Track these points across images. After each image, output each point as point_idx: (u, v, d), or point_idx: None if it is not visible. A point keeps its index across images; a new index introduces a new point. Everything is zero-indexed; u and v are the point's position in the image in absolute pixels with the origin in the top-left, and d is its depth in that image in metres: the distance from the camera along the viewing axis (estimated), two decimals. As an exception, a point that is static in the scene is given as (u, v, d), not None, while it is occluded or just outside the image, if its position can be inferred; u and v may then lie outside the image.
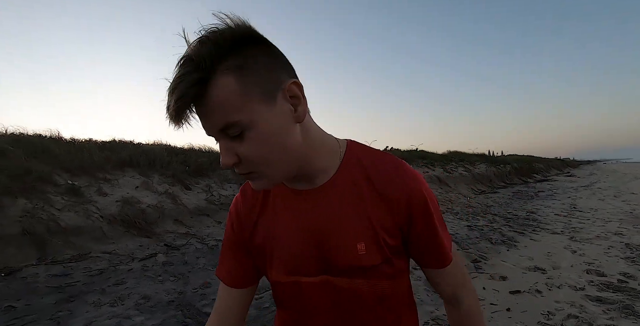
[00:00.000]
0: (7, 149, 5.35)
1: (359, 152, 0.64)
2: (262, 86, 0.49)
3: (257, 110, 0.49)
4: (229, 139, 0.51)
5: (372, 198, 0.60)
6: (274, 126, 0.51)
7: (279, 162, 0.54)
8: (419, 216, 0.62)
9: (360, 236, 0.59)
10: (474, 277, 3.66)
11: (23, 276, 3.42)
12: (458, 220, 6.77)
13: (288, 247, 0.63)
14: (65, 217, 4.47)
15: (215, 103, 0.47)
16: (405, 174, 0.62)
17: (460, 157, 16.60)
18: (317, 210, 0.61)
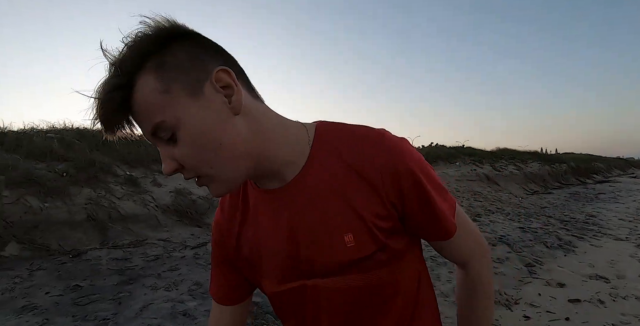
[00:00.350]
0: (74, 143, 5.82)
1: (329, 134, 0.56)
2: (184, 79, 0.45)
3: (182, 107, 0.45)
4: (164, 144, 0.48)
5: (351, 183, 0.53)
6: (205, 122, 0.46)
7: (221, 161, 0.48)
8: (410, 190, 0.53)
9: (346, 227, 0.53)
10: (528, 282, 3.47)
11: (88, 258, 3.72)
12: (509, 221, 6.45)
13: (274, 254, 0.58)
14: (125, 205, 4.79)
15: (139, 106, 0.45)
16: (381, 146, 0.53)
17: (511, 155, 15.75)
18: (293, 209, 0.55)
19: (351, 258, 0.54)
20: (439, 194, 0.58)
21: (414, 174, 0.53)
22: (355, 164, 0.53)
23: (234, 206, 0.64)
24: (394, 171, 0.52)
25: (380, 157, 0.53)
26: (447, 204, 0.59)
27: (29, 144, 5.28)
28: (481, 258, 0.66)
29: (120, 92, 0.45)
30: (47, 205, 4.21)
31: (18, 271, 3.33)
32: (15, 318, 2.52)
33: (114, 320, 2.49)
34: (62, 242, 3.98)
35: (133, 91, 0.45)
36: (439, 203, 0.57)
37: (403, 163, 0.53)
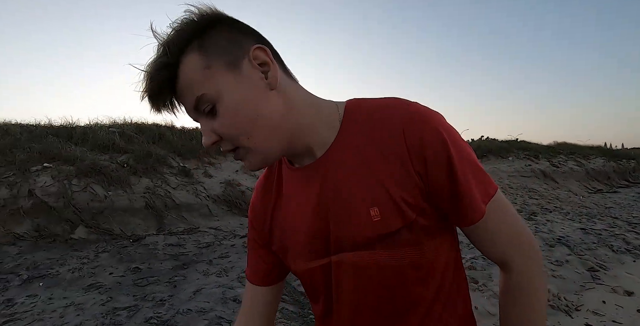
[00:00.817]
0: (133, 137, 6.22)
1: (358, 110, 0.56)
2: (224, 56, 0.49)
3: (222, 81, 0.49)
4: (205, 118, 0.51)
5: (378, 156, 0.52)
6: (243, 95, 0.50)
7: (258, 132, 0.51)
8: (435, 159, 0.51)
9: (371, 200, 0.52)
10: (590, 288, 3.22)
11: (146, 243, 3.98)
12: (569, 221, 6.01)
13: (303, 231, 0.58)
14: (179, 195, 5.06)
15: (184, 83, 0.49)
16: (407, 114, 0.52)
17: (570, 150, 14.61)
18: (322, 185, 0.55)
19: (377, 233, 0.52)
20: (471, 171, 0.53)
21: (441, 143, 0.51)
22: (382, 137, 0.52)
23: (268, 188, 0.66)
24: (419, 138, 0.51)
25: (406, 125, 0.51)
26: (478, 184, 0.54)
27: (94, 138, 5.72)
28: (527, 259, 0.58)
29: (167, 70, 0.49)
30: (110, 193, 4.55)
31: (86, 252, 3.64)
32: (84, 294, 2.76)
33: (170, 302, 2.64)
34: (123, 227, 4.29)
35: (178, 70, 0.49)
36: (467, 179, 0.53)
37: (429, 130, 0.51)
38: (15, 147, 4.88)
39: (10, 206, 3.94)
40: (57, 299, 2.68)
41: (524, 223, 0.60)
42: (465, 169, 0.53)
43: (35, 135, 5.54)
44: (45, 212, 4.07)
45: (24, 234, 3.78)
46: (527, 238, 0.58)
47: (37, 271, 3.15)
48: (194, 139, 6.87)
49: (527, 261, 0.58)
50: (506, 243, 0.57)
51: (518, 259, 0.58)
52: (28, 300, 2.66)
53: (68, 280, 3.01)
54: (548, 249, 4.28)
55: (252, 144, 0.52)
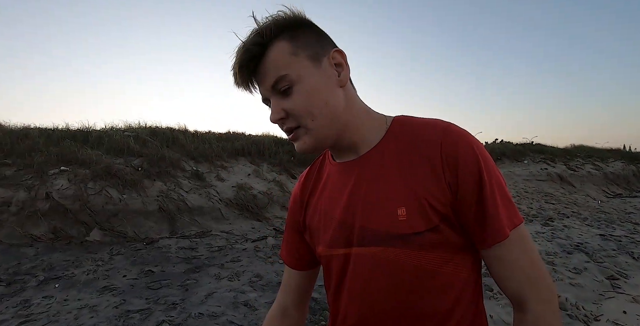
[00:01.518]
0: (147, 140, 6.31)
1: (403, 123, 0.63)
2: (310, 49, 0.58)
3: (304, 67, 0.57)
4: (278, 97, 0.58)
5: (414, 161, 0.58)
6: (319, 83, 0.58)
7: (322, 116, 0.58)
8: (466, 173, 0.55)
9: (400, 200, 0.56)
10: (610, 297, 3.12)
11: (159, 246, 4.01)
12: (587, 227, 5.85)
13: (331, 219, 0.64)
14: (191, 198, 5.10)
15: (270, 61, 0.57)
16: (447, 132, 0.58)
17: (588, 153, 14.27)
18: (358, 179, 0.61)
19: (401, 231, 0.56)
20: (500, 195, 0.56)
21: (475, 160, 0.56)
22: (421, 146, 0.58)
23: (309, 177, 0.74)
24: (454, 152, 0.56)
25: (444, 139, 0.57)
26: (505, 210, 0.56)
27: (109, 142, 5.82)
28: (544, 303, 0.56)
29: (258, 47, 0.58)
30: (124, 196, 4.61)
31: (100, 254, 3.70)
32: (98, 296, 2.80)
33: (182, 305, 2.66)
34: (137, 230, 4.34)
35: (268, 50, 0.58)
36: (495, 200, 0.56)
37: (465, 147, 0.56)
38: (33, 151, 5.00)
39: (28, 209, 4.03)
40: (72, 300, 2.72)
41: (545, 266, 0.59)
42: (495, 191, 0.56)
43: (53, 139, 5.67)
44: (62, 214, 4.15)
45: (41, 236, 3.86)
46: (547, 280, 0.58)
47: (53, 273, 3.21)
48: (207, 142, 6.94)
49: (544, 305, 0.56)
50: (524, 280, 0.57)
51: (534, 301, 0.56)
52: (44, 301, 2.71)
53: (83, 282, 3.06)
54: (566, 256, 4.17)
55: (314, 126, 0.58)
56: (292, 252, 0.77)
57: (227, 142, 7.23)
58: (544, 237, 5.06)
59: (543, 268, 0.58)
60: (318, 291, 2.91)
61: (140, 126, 7.36)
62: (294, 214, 0.75)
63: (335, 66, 0.61)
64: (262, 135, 8.68)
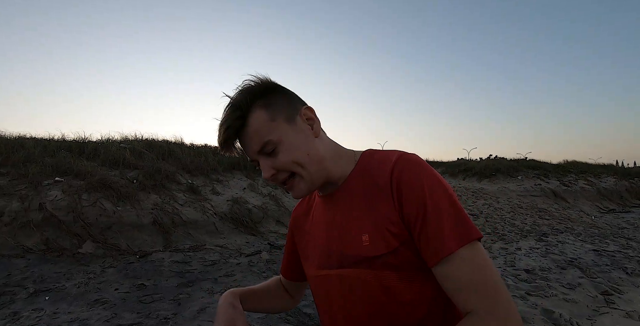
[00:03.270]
0: (143, 153, 6.32)
1: (368, 157, 0.72)
2: (284, 113, 0.67)
3: (283, 130, 0.66)
4: (265, 157, 0.66)
5: (374, 192, 0.66)
6: (298, 139, 0.67)
7: (309, 164, 0.67)
8: (411, 200, 0.61)
9: (364, 228, 0.65)
10: (604, 312, 3.12)
11: (152, 259, 3.97)
12: (581, 242, 5.88)
13: (318, 244, 0.74)
14: (186, 211, 5.08)
15: (252, 130, 0.65)
16: (398, 162, 0.65)
17: (581, 169, 14.44)
18: (336, 209, 0.71)
19: (365, 255, 0.64)
20: (446, 214, 0.59)
21: (418, 184, 0.61)
22: (379, 178, 0.66)
23: (306, 206, 0.84)
24: (400, 179, 0.63)
25: (394, 169, 0.64)
26: (450, 229, 0.58)
27: (105, 153, 5.82)
28: (498, 320, 0.54)
29: (239, 121, 0.66)
30: (119, 208, 4.59)
31: (92, 267, 3.65)
32: (88, 310, 2.75)
33: (174, 320, 2.62)
34: (130, 243, 4.30)
35: (247, 120, 0.66)
36: (438, 220, 0.59)
37: (410, 173, 0.63)
38: (28, 161, 4.98)
39: (20, 219, 3.99)
40: (62, 314, 2.67)
41: (504, 286, 0.57)
42: (440, 210, 0.59)
43: (49, 149, 5.66)
44: (55, 226, 4.11)
45: (32, 247, 3.81)
46: (502, 297, 0.55)
47: (44, 285, 3.16)
48: (203, 156, 6.95)
49: (497, 322, 0.54)
50: (475, 296, 0.56)
51: (486, 316, 0.54)
52: (33, 313, 2.66)
53: (74, 295, 3.01)
54: (560, 271, 4.18)
55: (305, 173, 0.67)
56: (288, 265, 0.89)
57: (223, 156, 7.24)
58: (539, 252, 5.07)
59: (499, 286, 0.56)
60: (312, 306, 2.89)
61: (136, 138, 7.38)
62: (293, 234, 0.87)
63: (307, 120, 0.70)
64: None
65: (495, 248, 5.43)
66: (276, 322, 2.66)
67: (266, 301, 0.88)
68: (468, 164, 14.61)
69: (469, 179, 13.04)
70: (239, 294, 0.80)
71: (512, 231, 6.69)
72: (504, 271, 4.19)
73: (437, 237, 0.58)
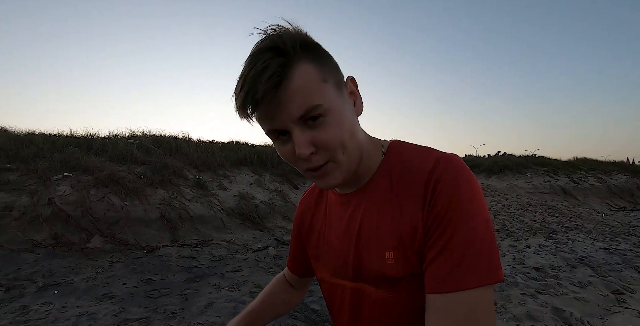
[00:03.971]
0: (150, 148, 6.34)
1: (397, 152, 0.59)
2: (335, 77, 0.52)
3: (333, 97, 0.51)
4: (305, 128, 0.50)
5: (402, 200, 0.54)
6: (346, 113, 0.53)
7: (352, 148, 0.53)
8: (441, 204, 0.49)
9: (389, 243, 0.54)
10: (616, 312, 3.07)
11: (160, 254, 3.99)
12: (591, 240, 5.79)
13: (333, 251, 0.64)
14: (193, 207, 5.09)
15: (297, 86, 0.47)
16: (437, 164, 0.52)
17: (591, 166, 14.23)
18: (356, 215, 0.60)
19: (389, 274, 0.54)
20: (480, 241, 0.48)
21: (454, 195, 0.49)
22: (410, 181, 0.54)
23: (316, 201, 0.73)
24: (436, 184, 0.51)
25: (432, 174, 0.52)
26: (478, 260, 0.47)
27: (113, 149, 5.85)
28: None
29: (282, 69, 0.47)
30: (127, 204, 4.61)
31: (101, 262, 3.68)
32: (96, 304, 2.77)
33: (181, 315, 2.63)
34: (137, 238, 4.32)
35: (291, 71, 0.48)
36: (468, 245, 0.47)
37: (449, 180, 0.51)
38: (37, 157, 5.02)
39: (30, 214, 4.03)
40: (71, 307, 2.69)
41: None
42: (475, 233, 0.48)
43: (57, 145, 5.70)
44: (64, 220, 4.14)
45: (42, 242, 3.85)
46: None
47: (53, 279, 3.19)
48: (210, 151, 6.96)
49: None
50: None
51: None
52: (42, 307, 2.68)
53: (82, 289, 3.04)
54: (570, 269, 4.12)
55: (344, 158, 0.53)
56: (295, 260, 0.81)
57: (230, 152, 7.25)
58: (548, 250, 5.01)
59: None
60: (319, 302, 2.88)
61: (144, 134, 7.41)
62: (299, 230, 0.76)
63: (350, 93, 0.56)
64: (264, 145, 8.71)
65: (504, 245, 5.38)
66: (284, 318, 2.65)
67: (269, 312, 0.81)
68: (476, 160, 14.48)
69: (477, 176, 12.93)
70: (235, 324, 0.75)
71: (521, 228, 6.62)
72: (513, 269, 4.14)
73: (456, 264, 0.47)
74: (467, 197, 0.49)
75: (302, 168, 0.54)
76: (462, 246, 0.48)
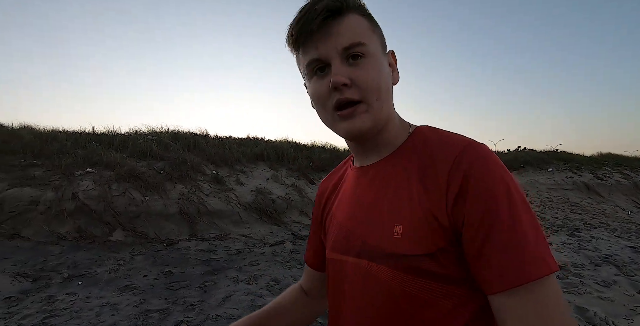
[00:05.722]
0: (169, 144, 6.45)
1: (424, 133, 0.58)
2: (381, 38, 0.57)
3: (377, 48, 0.55)
4: (346, 63, 0.53)
5: (424, 178, 0.51)
6: (385, 69, 0.56)
7: (385, 99, 0.55)
8: (476, 204, 0.46)
9: (400, 217, 0.51)
10: (643, 310, 2.96)
11: (179, 248, 4.07)
12: (616, 238, 5.61)
13: (339, 223, 0.62)
14: (211, 201, 5.16)
15: (348, 25, 0.52)
16: (468, 149, 0.50)
17: (616, 161, 13.73)
18: (368, 186, 0.58)
19: (392, 250, 0.51)
20: (530, 231, 0.45)
21: (491, 186, 0.47)
22: (435, 161, 0.52)
23: (335, 183, 0.71)
24: (467, 173, 0.48)
25: (460, 159, 0.49)
26: (532, 251, 0.44)
27: (133, 145, 5.98)
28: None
29: (340, 3, 0.52)
30: (147, 198, 4.71)
31: (122, 254, 3.77)
32: (119, 295, 2.85)
33: (200, 307, 2.67)
34: (157, 231, 4.42)
35: (343, 15, 0.53)
36: (518, 237, 0.44)
37: (483, 169, 0.48)
38: (61, 153, 5.17)
39: (55, 208, 4.16)
40: (94, 298, 2.77)
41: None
42: (514, 228, 0.45)
43: (80, 142, 5.86)
44: (87, 214, 4.26)
45: (66, 235, 3.97)
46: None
47: (77, 271, 3.29)
48: (227, 147, 7.03)
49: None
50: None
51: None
52: (67, 297, 2.77)
53: (105, 280, 3.12)
54: (594, 268, 4.00)
55: (377, 105, 0.54)
56: (314, 251, 0.74)
57: (247, 147, 7.31)
58: (571, 248, 4.88)
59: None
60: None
61: (162, 130, 7.53)
62: (317, 213, 0.73)
63: (389, 65, 0.59)
64: (281, 140, 8.75)
65: (524, 242, 5.27)
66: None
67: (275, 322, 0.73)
68: (495, 156, 14.18)
69: (496, 172, 12.69)
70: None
71: (543, 225, 6.45)
72: (534, 267, 4.06)
73: (511, 259, 0.44)
74: (504, 190, 0.46)
75: (333, 101, 0.53)
76: (513, 239, 0.45)
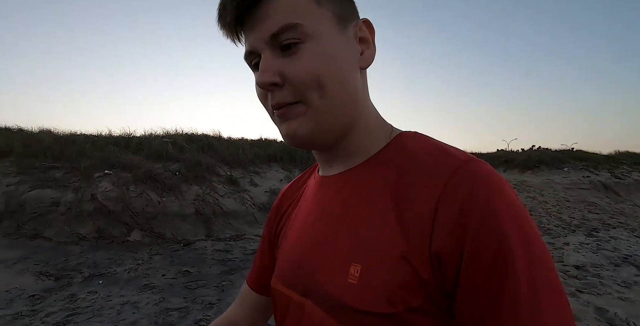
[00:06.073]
0: (184, 146, 6.55)
1: (409, 141, 0.44)
2: (337, 6, 0.41)
3: (324, 24, 0.40)
4: (277, 53, 0.39)
5: (400, 200, 0.38)
6: (339, 50, 0.40)
7: (334, 95, 0.40)
8: (479, 243, 0.33)
9: (360, 253, 0.38)
10: (666, 311, 2.90)
11: (196, 248, 4.13)
12: (636, 238, 5.49)
13: (290, 246, 0.49)
14: (226, 202, 5.23)
15: (277, 3, 0.39)
16: (462, 170, 0.36)
17: (635, 160, 13.41)
18: (332, 202, 0.45)
19: (344, 302, 0.37)
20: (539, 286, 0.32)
21: (497, 219, 0.33)
22: (418, 180, 0.38)
23: (294, 188, 0.58)
24: (466, 202, 0.34)
25: (450, 182, 0.36)
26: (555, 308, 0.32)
27: (149, 147, 6.09)
28: None
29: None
30: (163, 199, 4.80)
31: (140, 254, 3.85)
32: (138, 294, 2.91)
33: (218, 306, 2.71)
34: (174, 232, 4.49)
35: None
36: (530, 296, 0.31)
37: (486, 199, 0.34)
38: (80, 156, 5.31)
39: (75, 209, 4.27)
40: (115, 296, 2.84)
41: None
42: (533, 279, 0.32)
43: (98, 144, 6.00)
44: (105, 215, 4.37)
45: (86, 235, 4.07)
46: None
47: (97, 270, 3.37)
48: (240, 149, 7.11)
49: None
50: None
51: None
52: (89, 296, 2.85)
53: (125, 279, 3.19)
54: (613, 269, 3.93)
55: (320, 105, 0.40)
56: (257, 270, 0.60)
57: (260, 149, 7.38)
58: (589, 248, 4.79)
59: None
60: None
61: (177, 132, 7.66)
62: (269, 228, 0.59)
63: (360, 40, 0.44)
64: (293, 141, 8.81)
65: (540, 242, 5.20)
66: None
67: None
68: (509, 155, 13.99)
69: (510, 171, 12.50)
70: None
71: (559, 225, 6.36)
72: (551, 267, 4.00)
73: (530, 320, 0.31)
74: (520, 237, 0.33)
75: (269, 107, 0.42)
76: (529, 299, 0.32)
